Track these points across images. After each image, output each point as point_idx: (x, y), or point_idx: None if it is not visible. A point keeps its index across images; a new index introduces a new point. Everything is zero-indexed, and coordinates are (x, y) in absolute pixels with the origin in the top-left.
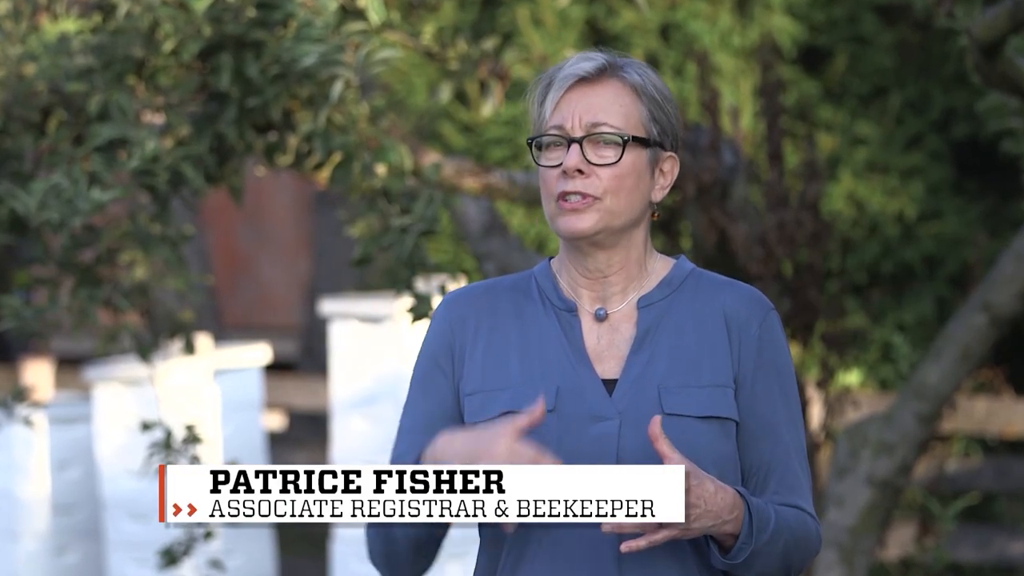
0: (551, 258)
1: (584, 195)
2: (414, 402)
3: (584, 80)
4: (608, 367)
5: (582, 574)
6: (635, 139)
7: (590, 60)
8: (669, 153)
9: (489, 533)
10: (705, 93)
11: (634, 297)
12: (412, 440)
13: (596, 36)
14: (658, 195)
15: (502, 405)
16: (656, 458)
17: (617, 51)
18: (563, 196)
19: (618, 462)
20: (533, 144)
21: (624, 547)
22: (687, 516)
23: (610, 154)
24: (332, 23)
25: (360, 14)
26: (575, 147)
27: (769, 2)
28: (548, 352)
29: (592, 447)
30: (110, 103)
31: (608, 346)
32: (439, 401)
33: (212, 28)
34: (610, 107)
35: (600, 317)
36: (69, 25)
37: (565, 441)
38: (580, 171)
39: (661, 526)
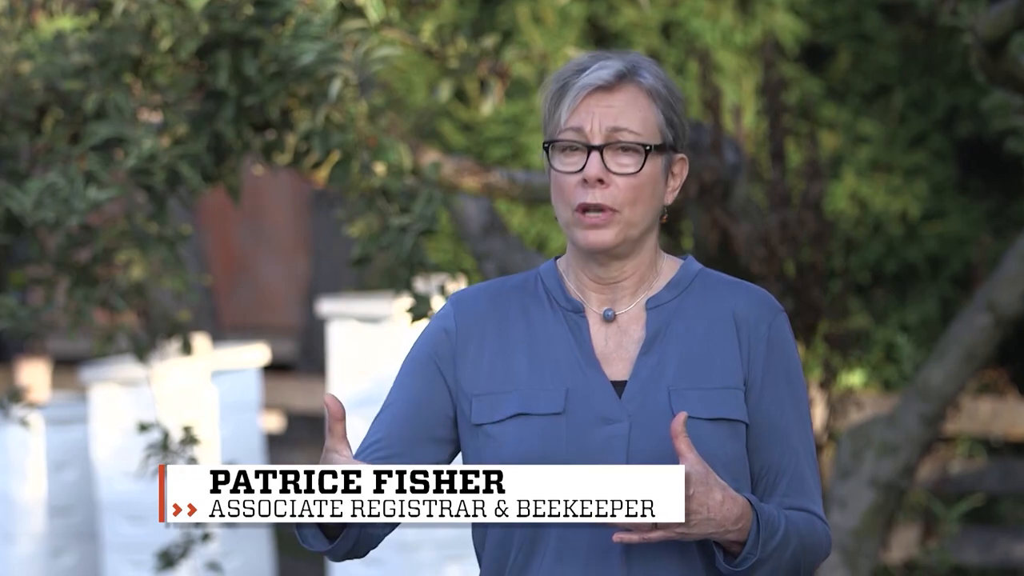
0: (557, 257)
1: (604, 209)
2: (400, 385)
3: (602, 88)
4: (616, 369)
5: (589, 571)
6: (655, 148)
7: (607, 68)
8: (680, 155)
9: (496, 535)
10: (707, 91)
11: (643, 298)
12: (380, 429)
13: (597, 34)
14: (670, 198)
15: (513, 407)
16: (666, 460)
17: (620, 49)
18: (583, 208)
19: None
20: (548, 147)
21: (616, 537)
22: (688, 520)
23: (630, 163)
24: (330, 21)
25: (359, 12)
26: (595, 155)
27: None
28: (556, 353)
29: (602, 449)
30: (107, 101)
31: (616, 347)
32: (426, 389)
33: (209, 26)
34: (629, 113)
35: (608, 318)
36: (65, 23)
37: (574, 443)
38: (601, 181)
39: (657, 526)
